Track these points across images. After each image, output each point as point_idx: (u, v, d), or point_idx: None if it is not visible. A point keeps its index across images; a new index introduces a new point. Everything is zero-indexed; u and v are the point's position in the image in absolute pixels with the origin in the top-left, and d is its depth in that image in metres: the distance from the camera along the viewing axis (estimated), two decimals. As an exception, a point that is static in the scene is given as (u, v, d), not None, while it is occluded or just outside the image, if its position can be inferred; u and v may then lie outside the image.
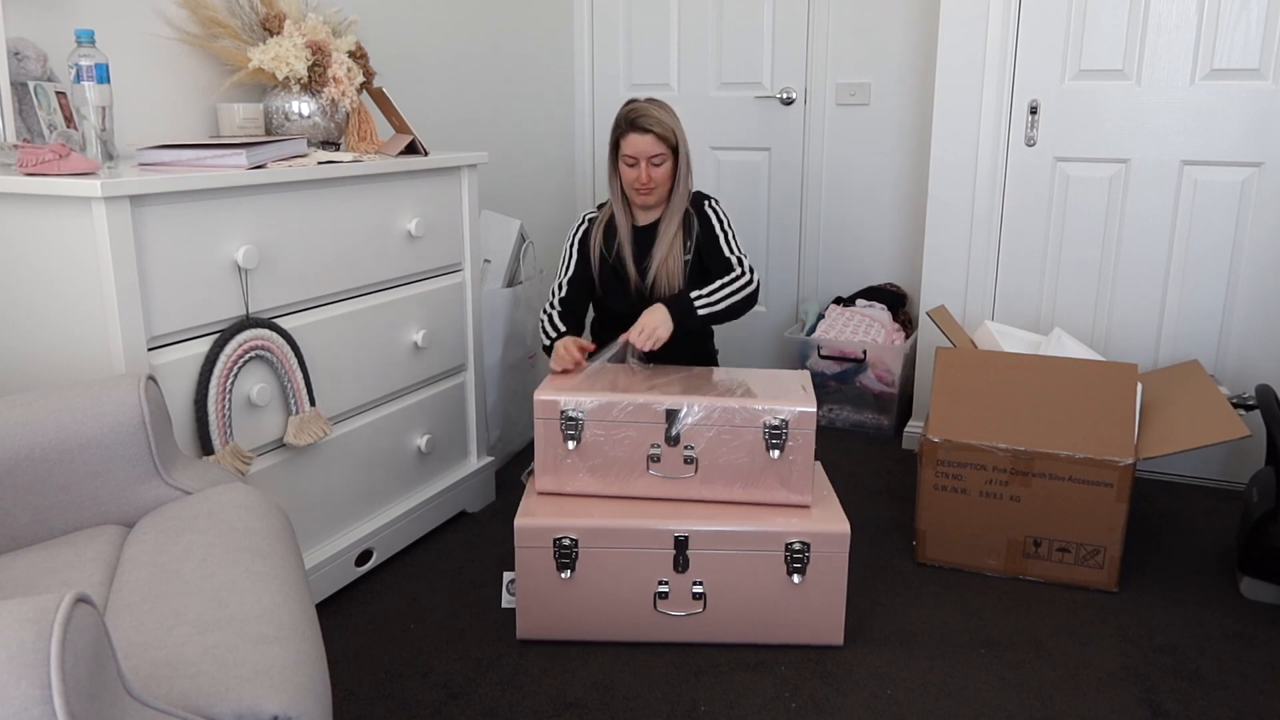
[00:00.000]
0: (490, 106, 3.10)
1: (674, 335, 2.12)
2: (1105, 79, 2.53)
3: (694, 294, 2.17)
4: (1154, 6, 2.44)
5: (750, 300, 2.22)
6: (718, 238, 2.28)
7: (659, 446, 1.87)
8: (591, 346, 2.12)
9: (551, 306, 2.28)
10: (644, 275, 2.27)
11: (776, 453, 1.84)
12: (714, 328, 2.37)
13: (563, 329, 2.20)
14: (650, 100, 2.22)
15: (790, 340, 3.13)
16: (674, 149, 2.20)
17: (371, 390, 2.06)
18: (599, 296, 2.35)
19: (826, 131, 3.26)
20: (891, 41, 3.12)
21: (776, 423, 1.84)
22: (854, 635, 1.91)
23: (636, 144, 2.17)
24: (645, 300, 2.25)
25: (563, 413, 1.87)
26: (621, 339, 2.10)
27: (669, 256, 2.24)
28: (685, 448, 1.87)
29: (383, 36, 2.58)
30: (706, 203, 2.30)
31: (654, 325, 2.08)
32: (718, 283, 2.20)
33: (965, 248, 2.74)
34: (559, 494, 1.91)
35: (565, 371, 2.04)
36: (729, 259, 2.25)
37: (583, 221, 2.35)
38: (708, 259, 2.28)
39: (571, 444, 1.87)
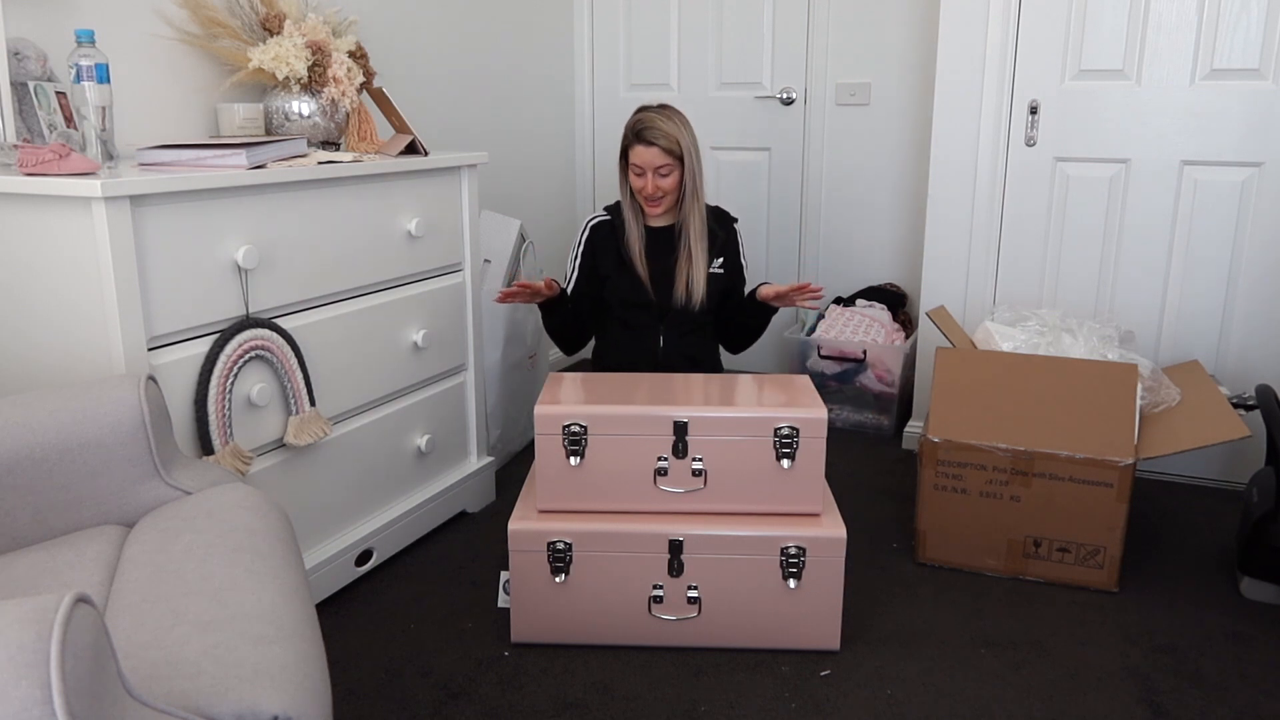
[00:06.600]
0: (490, 106, 3.10)
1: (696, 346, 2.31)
2: (1105, 79, 2.53)
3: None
4: (1154, 6, 2.44)
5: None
6: (742, 267, 2.38)
7: (666, 459, 1.83)
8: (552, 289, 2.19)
9: None
10: (662, 279, 2.26)
11: (787, 462, 1.80)
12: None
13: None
14: (661, 108, 2.21)
15: (790, 340, 3.13)
16: (680, 159, 2.20)
17: (371, 390, 2.06)
18: (611, 304, 2.30)
19: (826, 131, 3.26)
20: (891, 41, 3.12)
21: (787, 431, 1.80)
22: (854, 635, 1.91)
23: (643, 156, 2.18)
24: (663, 303, 2.26)
25: (565, 427, 1.82)
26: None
27: (694, 267, 2.25)
28: (694, 459, 1.82)
29: (383, 36, 2.58)
30: (735, 224, 2.38)
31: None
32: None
33: (965, 248, 2.74)
34: (562, 511, 1.85)
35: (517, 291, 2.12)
36: (746, 287, 2.38)
37: (586, 229, 2.33)
38: (730, 280, 2.34)
39: (575, 459, 1.83)
